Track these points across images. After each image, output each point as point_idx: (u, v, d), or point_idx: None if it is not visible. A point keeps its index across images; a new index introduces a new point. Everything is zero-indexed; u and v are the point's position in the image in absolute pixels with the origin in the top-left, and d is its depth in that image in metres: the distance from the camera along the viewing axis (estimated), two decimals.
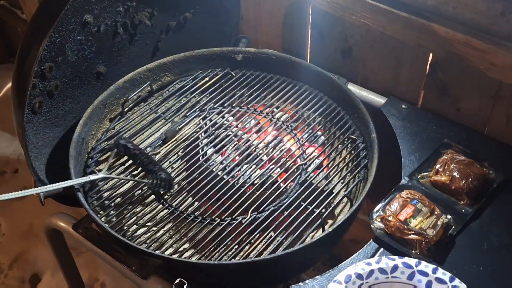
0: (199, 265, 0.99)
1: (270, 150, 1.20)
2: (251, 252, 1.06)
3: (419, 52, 1.28)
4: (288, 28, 1.52)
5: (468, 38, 1.14)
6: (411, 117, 1.27)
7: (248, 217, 1.08)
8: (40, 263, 1.84)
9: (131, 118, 1.30)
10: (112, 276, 1.76)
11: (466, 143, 1.18)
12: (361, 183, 1.15)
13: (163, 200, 1.13)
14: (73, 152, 1.15)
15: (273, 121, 1.29)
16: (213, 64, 1.40)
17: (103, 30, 1.25)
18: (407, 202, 1.04)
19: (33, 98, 1.14)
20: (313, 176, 1.15)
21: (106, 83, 1.32)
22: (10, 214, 2.00)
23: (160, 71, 1.36)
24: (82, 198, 1.08)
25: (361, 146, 1.20)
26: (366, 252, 1.01)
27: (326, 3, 1.32)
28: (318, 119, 1.27)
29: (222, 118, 1.29)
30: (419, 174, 1.13)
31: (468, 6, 1.14)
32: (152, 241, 1.06)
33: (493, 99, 1.22)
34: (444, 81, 1.28)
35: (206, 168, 1.16)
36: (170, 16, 1.40)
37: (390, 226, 1.01)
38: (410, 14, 1.20)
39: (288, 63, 1.36)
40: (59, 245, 1.32)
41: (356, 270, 0.91)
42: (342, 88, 1.29)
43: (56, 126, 1.24)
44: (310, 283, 0.96)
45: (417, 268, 0.91)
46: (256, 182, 1.14)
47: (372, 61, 1.39)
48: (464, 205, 1.07)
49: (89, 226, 1.10)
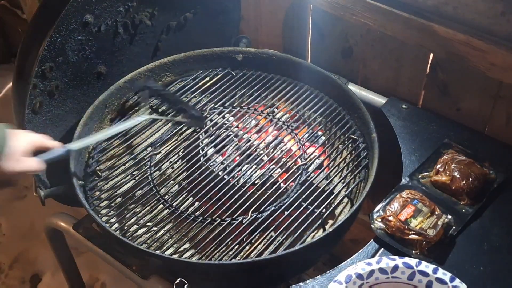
0: (199, 265, 0.99)
1: (270, 150, 1.20)
2: (251, 252, 1.06)
3: (420, 52, 1.28)
4: (289, 28, 1.52)
5: (469, 38, 1.14)
6: (412, 117, 1.27)
7: (249, 217, 1.08)
8: (41, 263, 1.84)
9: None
10: (113, 276, 1.76)
11: (467, 143, 1.18)
12: (361, 183, 1.15)
13: (163, 200, 1.13)
14: (73, 152, 1.15)
15: (274, 121, 1.29)
16: (213, 64, 1.40)
17: (104, 30, 1.25)
18: (407, 202, 1.04)
19: (34, 98, 1.14)
20: (314, 176, 1.15)
21: (106, 83, 1.32)
22: (11, 214, 2.00)
23: (160, 71, 1.36)
24: (82, 198, 1.08)
25: (362, 146, 1.20)
26: (367, 252, 1.01)
27: (327, 3, 1.32)
28: (319, 119, 1.27)
29: (223, 118, 1.29)
30: (420, 174, 1.13)
31: (468, 6, 1.14)
32: (152, 241, 1.06)
33: (493, 99, 1.22)
34: (445, 81, 1.28)
35: (207, 168, 1.16)
36: (170, 16, 1.40)
37: (391, 226, 1.01)
38: (411, 14, 1.20)
39: (289, 63, 1.36)
40: (59, 245, 1.32)
41: (357, 270, 0.91)
42: (342, 88, 1.29)
43: (57, 126, 1.24)
44: (310, 283, 0.96)
45: (418, 268, 0.91)
46: (256, 182, 1.14)
47: (373, 61, 1.39)
48: (465, 205, 1.07)
49: (90, 226, 1.10)
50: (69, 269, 1.42)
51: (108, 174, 1.17)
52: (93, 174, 1.18)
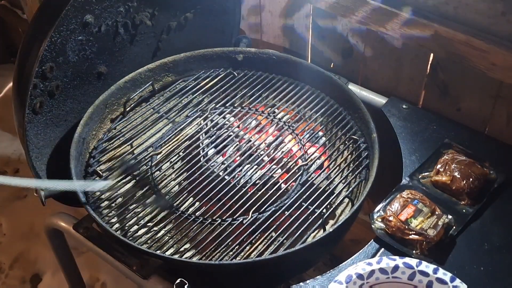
0: (200, 265, 0.99)
1: (271, 150, 1.20)
2: (252, 252, 1.06)
3: (420, 52, 1.28)
4: (289, 28, 1.52)
5: (469, 38, 1.13)
6: (412, 117, 1.27)
7: (249, 218, 1.08)
8: (41, 263, 1.84)
9: (132, 118, 1.30)
10: (113, 276, 1.76)
11: (467, 143, 1.18)
12: (362, 183, 1.15)
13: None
14: (74, 152, 1.15)
15: (275, 122, 1.29)
16: (214, 64, 1.40)
17: (104, 30, 1.25)
18: (408, 202, 1.04)
19: (34, 98, 1.14)
20: (315, 176, 1.15)
21: (107, 83, 1.32)
22: (11, 214, 2.00)
23: (161, 71, 1.36)
24: (83, 198, 1.08)
25: (363, 146, 1.20)
26: (367, 252, 1.01)
27: (327, 3, 1.32)
28: (320, 119, 1.27)
29: (224, 119, 1.29)
30: (420, 174, 1.13)
31: (468, 6, 1.14)
32: (153, 241, 1.06)
33: (493, 99, 1.22)
34: (445, 81, 1.28)
35: (207, 168, 1.16)
36: (171, 16, 1.40)
37: (391, 226, 1.01)
38: (411, 14, 1.20)
39: (289, 63, 1.36)
40: (60, 245, 1.32)
41: (357, 270, 0.91)
42: (343, 88, 1.29)
43: (57, 126, 1.24)
44: (311, 283, 0.96)
45: (418, 268, 0.91)
46: (257, 182, 1.14)
47: (373, 61, 1.39)
48: (465, 205, 1.07)
49: (90, 226, 1.10)
50: (69, 269, 1.42)
51: (108, 174, 1.17)
52: (94, 174, 1.18)
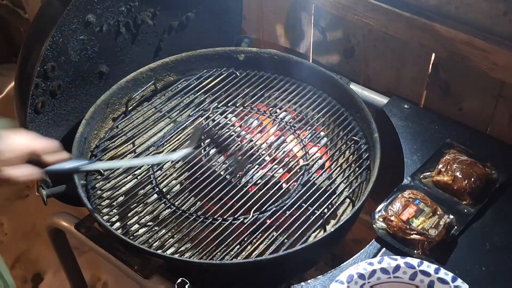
0: (201, 264, 0.99)
1: (273, 150, 1.20)
2: (253, 252, 1.05)
3: (422, 52, 1.28)
4: (291, 28, 1.52)
5: (471, 38, 1.13)
6: (414, 117, 1.27)
7: (250, 217, 1.08)
8: (42, 263, 1.85)
9: (134, 117, 1.30)
10: (114, 275, 1.77)
11: (469, 143, 1.17)
12: (363, 183, 1.15)
13: (165, 200, 1.13)
14: (75, 151, 1.15)
15: (276, 121, 1.29)
16: (215, 64, 1.40)
17: (106, 30, 1.25)
18: (409, 202, 1.04)
19: (36, 97, 1.14)
20: (316, 176, 1.15)
21: (108, 82, 1.32)
22: (13, 213, 2.00)
23: (162, 71, 1.36)
24: (84, 198, 1.08)
25: (364, 147, 1.20)
26: (368, 252, 1.01)
27: (329, 3, 1.32)
28: (321, 119, 1.27)
29: (225, 118, 1.29)
30: (422, 174, 1.12)
31: (470, 6, 1.14)
32: (154, 241, 1.07)
33: (495, 99, 1.22)
34: (447, 81, 1.28)
35: (209, 168, 1.16)
36: (172, 16, 1.40)
37: (392, 226, 1.01)
38: (413, 14, 1.20)
39: (291, 63, 1.36)
40: (61, 244, 1.32)
41: (358, 270, 0.91)
42: (344, 88, 1.29)
43: (59, 125, 1.24)
44: (312, 283, 0.96)
45: (419, 268, 0.91)
46: (258, 182, 1.14)
47: (375, 61, 1.39)
48: (467, 205, 1.06)
49: (91, 226, 1.10)
50: (71, 268, 1.42)
51: (110, 173, 1.18)
52: (95, 173, 1.18)
